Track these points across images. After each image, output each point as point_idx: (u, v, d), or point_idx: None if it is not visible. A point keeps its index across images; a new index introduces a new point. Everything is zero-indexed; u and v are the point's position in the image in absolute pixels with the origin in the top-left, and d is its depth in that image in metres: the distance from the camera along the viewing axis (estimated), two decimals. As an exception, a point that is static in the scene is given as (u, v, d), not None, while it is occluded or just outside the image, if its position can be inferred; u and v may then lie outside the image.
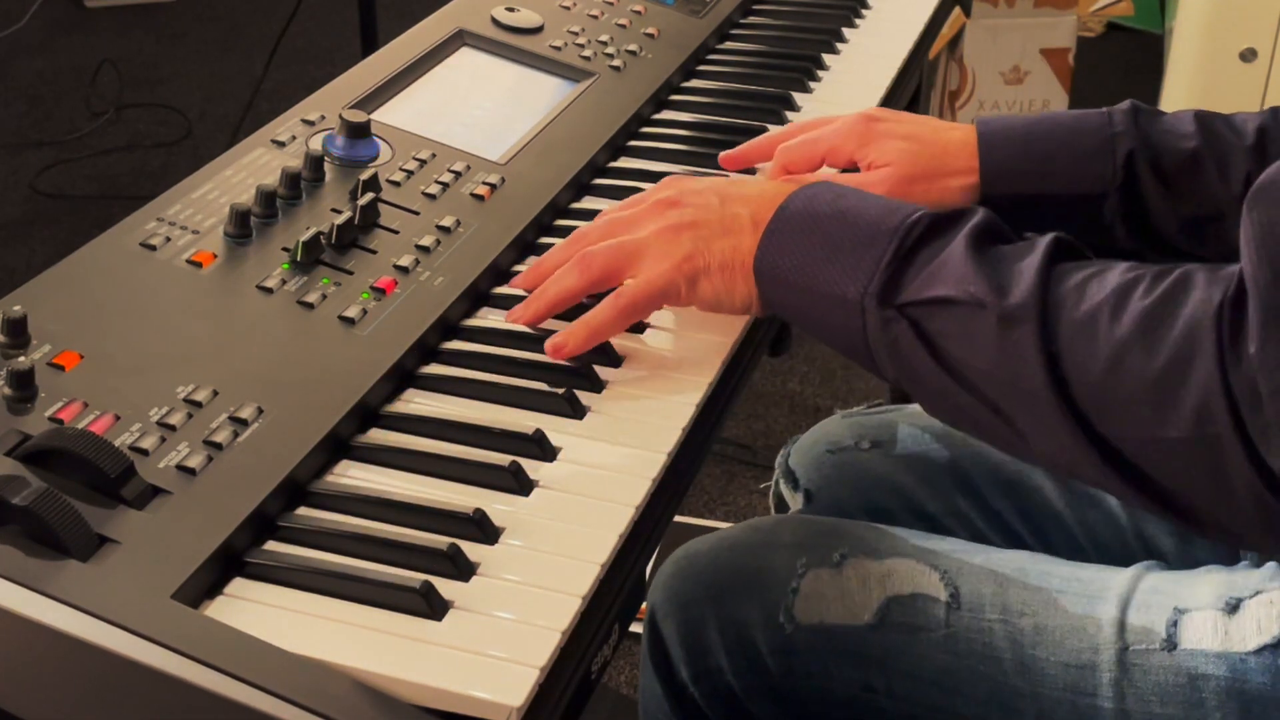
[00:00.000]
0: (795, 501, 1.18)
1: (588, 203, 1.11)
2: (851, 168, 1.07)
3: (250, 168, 0.99)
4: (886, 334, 0.82)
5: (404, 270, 0.93)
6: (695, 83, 1.32)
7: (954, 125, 1.08)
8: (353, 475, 0.80)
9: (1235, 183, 1.02)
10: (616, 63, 1.25)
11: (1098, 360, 0.76)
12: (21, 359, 0.77)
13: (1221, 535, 0.81)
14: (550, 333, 0.91)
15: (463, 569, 0.73)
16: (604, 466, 0.82)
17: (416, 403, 0.87)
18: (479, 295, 0.97)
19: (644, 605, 1.04)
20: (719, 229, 0.90)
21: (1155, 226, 1.04)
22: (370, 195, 0.97)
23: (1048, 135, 1.05)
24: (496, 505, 0.78)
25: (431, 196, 1.01)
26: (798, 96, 1.29)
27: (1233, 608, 0.90)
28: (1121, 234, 1.04)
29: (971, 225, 0.83)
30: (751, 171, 1.14)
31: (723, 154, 1.13)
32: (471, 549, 0.74)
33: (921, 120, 1.08)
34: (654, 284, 0.90)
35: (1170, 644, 0.90)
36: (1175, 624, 0.90)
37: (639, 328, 0.95)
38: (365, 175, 0.98)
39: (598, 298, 0.92)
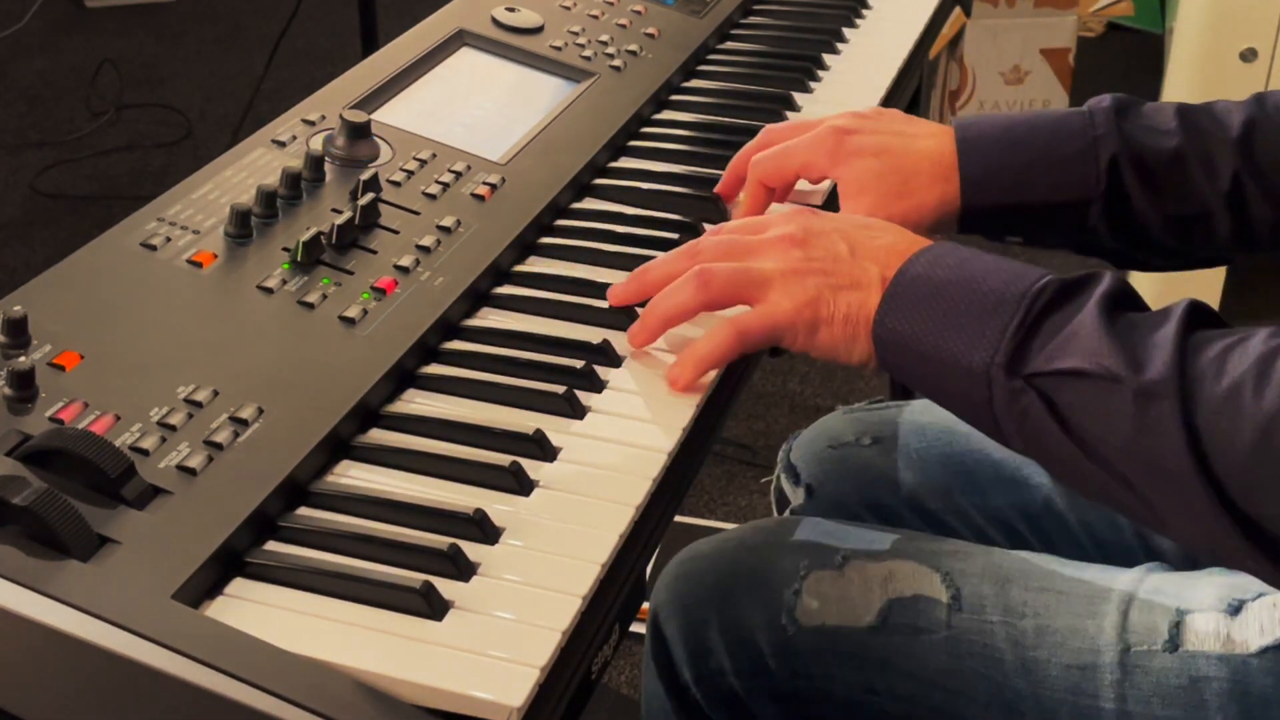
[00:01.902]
0: (796, 496, 1.18)
1: (588, 203, 1.11)
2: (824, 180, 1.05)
3: (250, 168, 0.99)
4: (1014, 405, 0.79)
5: (404, 270, 0.93)
6: (696, 83, 1.32)
7: (928, 131, 1.04)
8: (353, 475, 0.80)
9: (1221, 180, 1.00)
10: (617, 63, 1.25)
11: (1243, 435, 0.72)
12: (22, 359, 0.77)
13: None
14: (554, 333, 0.91)
15: (463, 569, 0.73)
16: (604, 466, 0.82)
17: (417, 403, 0.87)
18: (479, 295, 0.97)
19: (644, 605, 1.04)
20: (847, 282, 0.86)
21: (1140, 226, 1.02)
22: (370, 195, 0.97)
23: (1028, 142, 1.02)
24: (497, 505, 0.78)
25: (432, 196, 1.01)
26: (798, 96, 1.29)
27: (1235, 609, 0.90)
28: (1105, 236, 1.02)
29: (1101, 292, 0.79)
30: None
31: (717, 188, 1.10)
32: (472, 549, 0.74)
33: (894, 128, 1.04)
34: (774, 319, 0.87)
35: (1172, 645, 0.90)
36: (1178, 625, 0.90)
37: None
38: (365, 175, 0.98)
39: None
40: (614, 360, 0.91)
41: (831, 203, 1.08)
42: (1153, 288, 2.65)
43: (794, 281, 0.87)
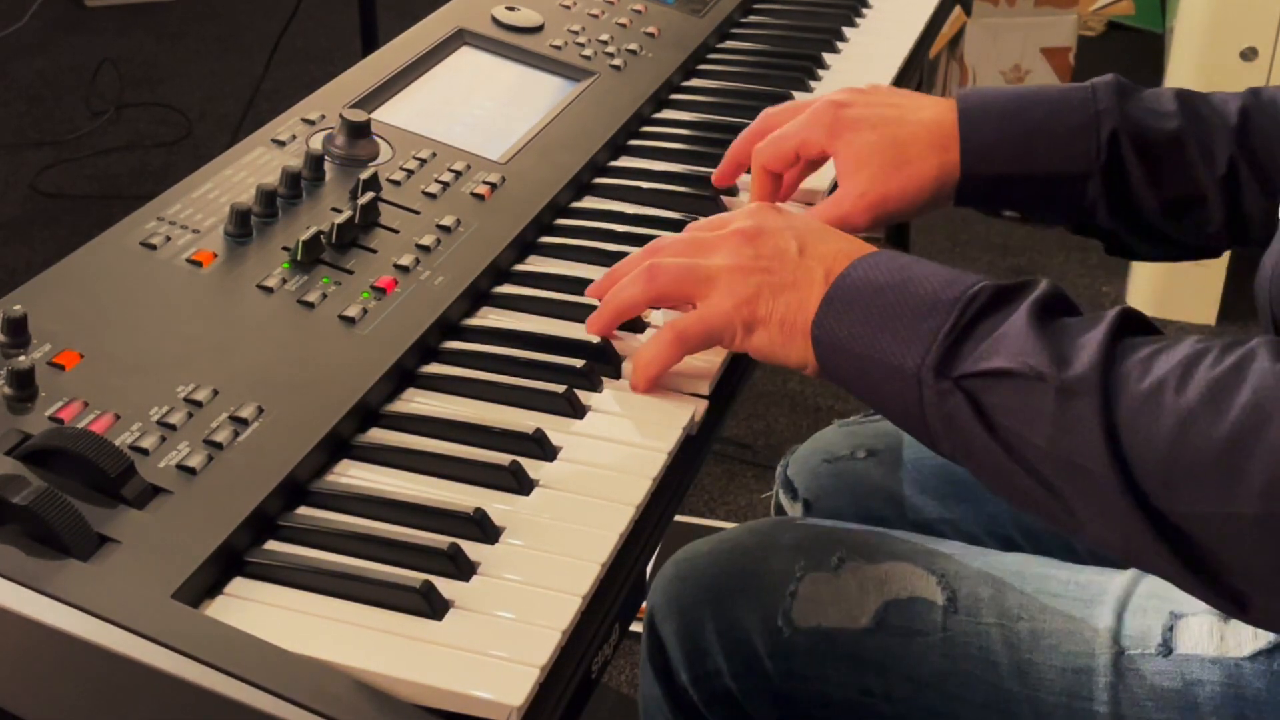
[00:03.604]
0: (794, 511, 1.19)
1: (588, 202, 1.11)
2: (824, 159, 1.05)
3: (250, 167, 0.99)
4: (942, 407, 0.79)
5: (404, 269, 0.93)
6: (696, 82, 1.32)
7: (926, 103, 1.04)
8: (353, 475, 0.80)
9: (1218, 165, 1.01)
10: (617, 62, 1.25)
11: (1161, 432, 0.72)
12: (21, 358, 0.77)
13: (1271, 621, 0.77)
14: (561, 329, 0.91)
15: (463, 568, 0.73)
16: (604, 466, 0.82)
17: (417, 402, 0.87)
18: (479, 294, 0.97)
19: (644, 605, 1.04)
20: (789, 281, 0.86)
21: (1136, 207, 1.02)
22: (370, 194, 0.97)
23: (1030, 113, 1.02)
24: (497, 505, 0.78)
25: (432, 196, 1.01)
26: (798, 96, 1.29)
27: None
28: (1102, 213, 1.02)
29: (1035, 297, 0.80)
30: (733, 193, 1.12)
31: (714, 176, 1.10)
32: (472, 548, 0.74)
33: (891, 100, 1.04)
34: (708, 322, 0.87)
35: (1166, 649, 0.90)
36: (1171, 629, 0.90)
37: (639, 328, 0.94)
38: (365, 174, 0.98)
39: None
40: (614, 360, 0.91)
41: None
42: (1154, 285, 2.65)
43: (737, 279, 0.87)
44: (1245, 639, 0.89)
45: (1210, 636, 0.89)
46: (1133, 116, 1.01)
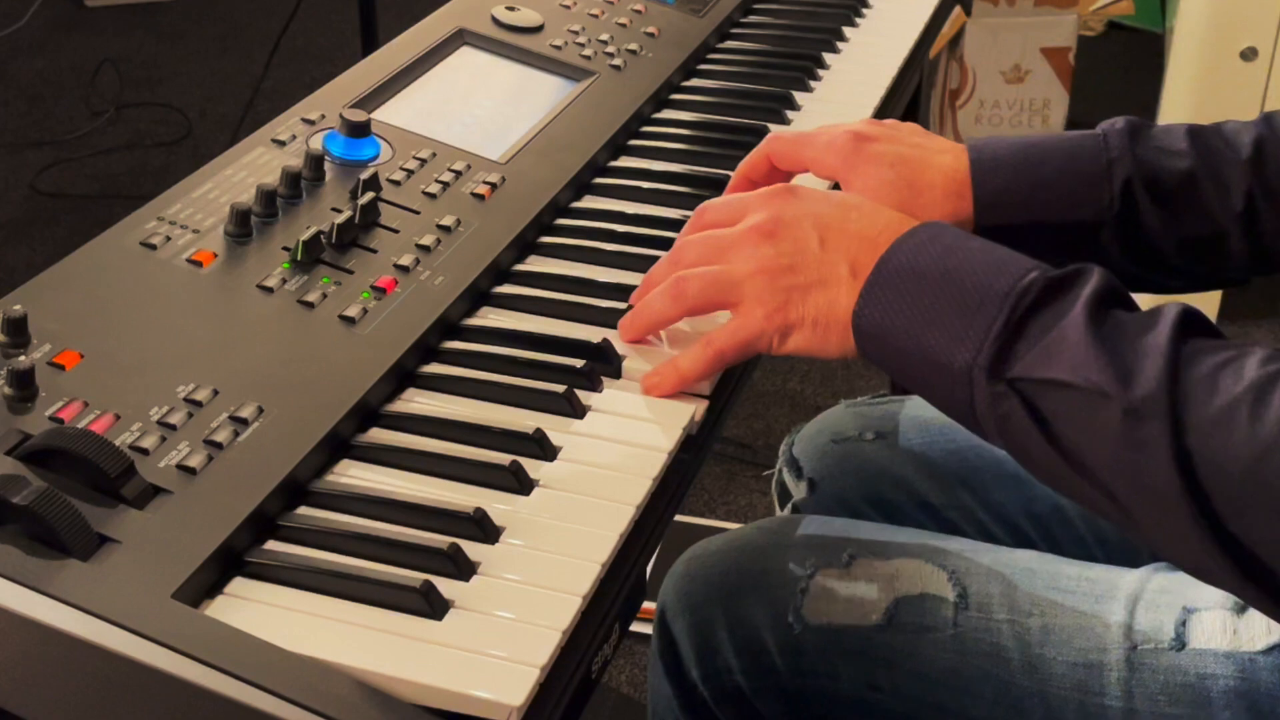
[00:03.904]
0: (799, 490, 1.18)
1: (588, 202, 1.11)
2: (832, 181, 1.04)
3: (250, 167, 0.99)
4: (996, 409, 0.77)
5: (404, 269, 0.93)
6: (696, 82, 1.32)
7: (944, 147, 1.03)
8: (353, 475, 0.80)
9: (1234, 200, 0.99)
10: (617, 62, 1.25)
11: (1236, 460, 0.70)
12: (22, 358, 0.77)
13: None
14: (567, 337, 0.91)
15: (463, 568, 0.73)
16: (604, 466, 0.82)
17: (417, 402, 0.87)
18: (479, 294, 0.97)
19: (645, 605, 1.04)
20: (815, 279, 0.85)
21: (1154, 248, 1.01)
22: (370, 194, 0.97)
23: (1042, 162, 1.01)
24: (497, 505, 0.78)
25: (432, 196, 1.01)
26: (798, 95, 1.29)
27: (1242, 607, 0.90)
28: (1117, 258, 1.02)
29: (1090, 292, 0.77)
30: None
31: (726, 192, 1.08)
32: (472, 548, 0.74)
33: (912, 140, 1.03)
34: (742, 335, 0.87)
35: (1179, 644, 0.90)
36: (1184, 624, 0.90)
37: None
38: (365, 174, 0.98)
39: None
40: (614, 359, 0.91)
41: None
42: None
43: (764, 284, 0.86)
44: (1259, 633, 0.89)
45: (1224, 631, 0.89)
46: (1145, 159, 1.00)
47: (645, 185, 1.12)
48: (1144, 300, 0.78)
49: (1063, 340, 0.76)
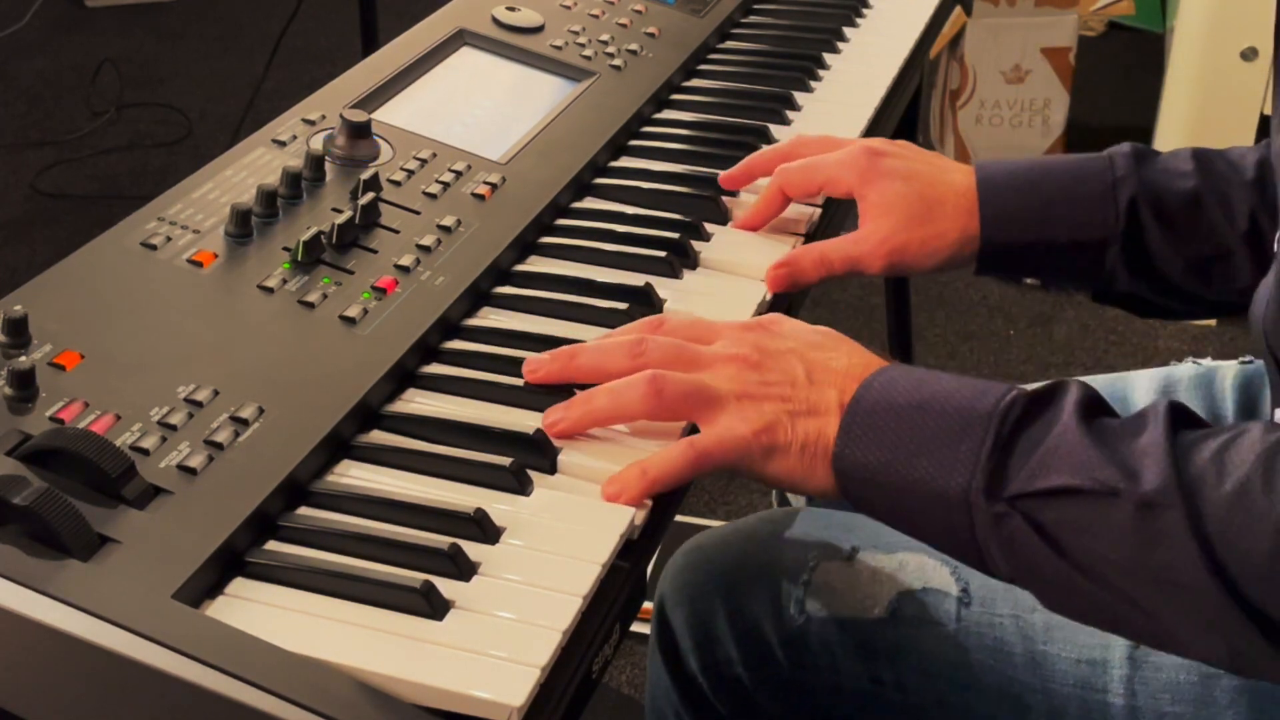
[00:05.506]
0: None
1: (589, 202, 1.11)
2: (849, 199, 1.05)
3: (251, 167, 0.99)
4: (999, 531, 0.75)
5: (405, 270, 0.93)
6: (696, 82, 1.32)
7: (955, 166, 1.05)
8: (353, 475, 0.80)
9: (1239, 221, 1.01)
10: (617, 62, 1.25)
11: (1260, 538, 0.69)
12: (22, 359, 0.77)
13: None
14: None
15: (463, 569, 0.73)
16: (605, 466, 0.82)
17: (417, 402, 0.87)
18: (480, 295, 0.97)
19: (646, 605, 1.04)
20: (805, 407, 0.81)
21: (1161, 269, 1.02)
22: (371, 195, 0.97)
23: (1048, 181, 1.02)
24: (497, 505, 0.78)
25: (432, 196, 1.01)
26: (799, 96, 1.29)
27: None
28: (1123, 278, 1.03)
29: (1074, 401, 0.76)
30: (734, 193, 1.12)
31: (723, 175, 1.10)
32: (472, 549, 0.74)
33: (923, 158, 1.05)
34: (727, 445, 0.80)
35: None
36: None
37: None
38: (366, 175, 0.98)
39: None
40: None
41: (818, 234, 1.09)
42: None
43: (749, 406, 0.81)
44: None
45: None
46: (1150, 180, 1.02)
47: (645, 186, 1.12)
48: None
49: (1058, 448, 0.74)
